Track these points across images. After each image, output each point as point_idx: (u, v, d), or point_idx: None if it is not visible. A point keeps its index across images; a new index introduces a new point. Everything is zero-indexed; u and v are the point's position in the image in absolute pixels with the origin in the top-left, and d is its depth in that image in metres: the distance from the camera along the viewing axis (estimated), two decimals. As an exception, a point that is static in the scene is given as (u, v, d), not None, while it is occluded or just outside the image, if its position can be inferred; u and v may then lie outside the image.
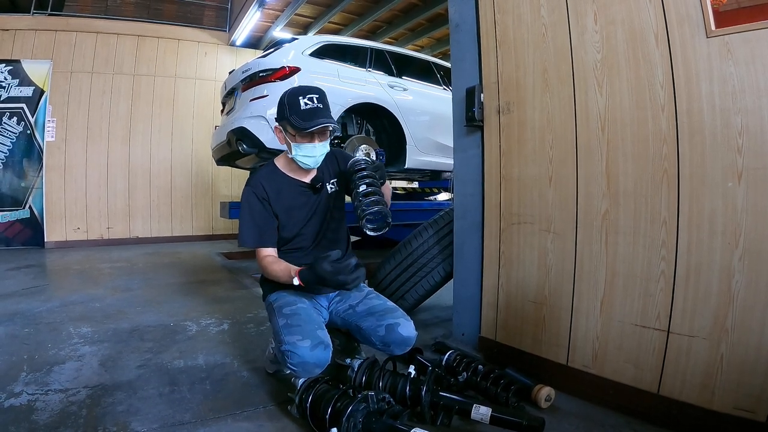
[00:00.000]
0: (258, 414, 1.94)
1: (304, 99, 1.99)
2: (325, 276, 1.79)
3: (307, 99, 1.99)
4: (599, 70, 2.00)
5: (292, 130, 2.03)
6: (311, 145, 2.05)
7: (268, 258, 2.09)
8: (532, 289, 2.28)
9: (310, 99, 1.99)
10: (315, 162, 2.10)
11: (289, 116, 2.00)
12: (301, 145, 2.05)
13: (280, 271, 2.00)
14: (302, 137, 2.03)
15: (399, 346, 1.96)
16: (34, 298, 3.89)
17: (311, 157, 2.07)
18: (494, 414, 1.68)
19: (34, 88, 7.24)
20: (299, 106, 1.99)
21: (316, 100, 2.00)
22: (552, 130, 2.18)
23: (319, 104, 2.00)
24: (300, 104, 1.99)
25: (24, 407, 1.95)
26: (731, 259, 1.64)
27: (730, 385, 1.65)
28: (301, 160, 2.08)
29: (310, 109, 1.98)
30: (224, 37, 8.78)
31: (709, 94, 1.69)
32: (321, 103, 2.01)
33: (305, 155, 2.06)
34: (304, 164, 2.10)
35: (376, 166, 2.07)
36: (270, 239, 2.12)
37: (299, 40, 5.02)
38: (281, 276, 1.99)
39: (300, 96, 2.00)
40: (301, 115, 1.98)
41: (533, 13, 2.25)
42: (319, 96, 2.02)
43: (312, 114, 1.98)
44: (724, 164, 1.66)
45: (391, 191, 2.32)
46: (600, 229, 2.00)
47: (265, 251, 2.11)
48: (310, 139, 2.04)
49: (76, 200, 7.61)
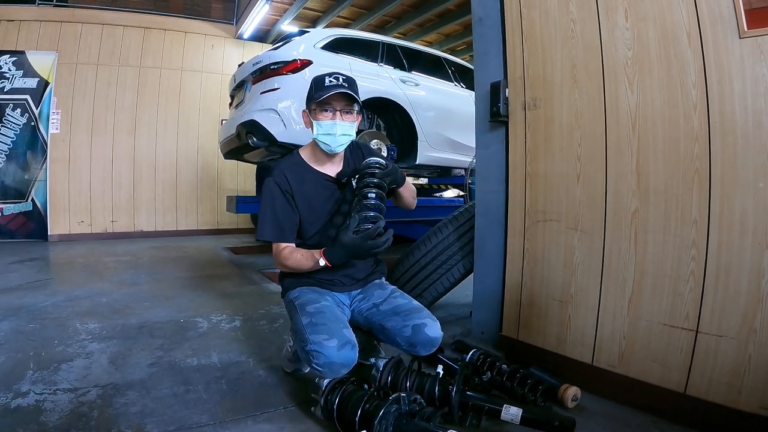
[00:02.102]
0: (279, 415, 1.89)
1: (330, 78, 1.97)
2: (353, 245, 1.80)
3: (333, 78, 1.97)
4: (630, 67, 1.97)
5: (314, 105, 2.00)
6: (331, 122, 1.99)
7: (287, 249, 2.04)
8: (557, 287, 2.26)
9: (335, 78, 1.97)
10: (335, 142, 2.02)
11: (313, 94, 1.98)
12: (321, 122, 2.00)
13: (302, 257, 1.97)
14: (323, 113, 1.99)
15: (425, 347, 1.93)
16: (38, 292, 3.85)
17: (331, 135, 2.00)
18: (525, 414, 1.66)
19: (39, 80, 7.18)
20: (324, 83, 1.96)
21: (341, 79, 1.97)
22: (580, 127, 2.15)
23: (344, 83, 1.96)
24: (324, 81, 1.97)
25: (32, 408, 1.90)
26: (761, 259, 1.64)
27: (757, 385, 1.65)
28: (321, 139, 2.02)
29: (333, 84, 1.95)
30: (231, 30, 8.72)
31: (742, 94, 1.68)
32: (347, 83, 1.97)
33: (325, 133, 2.00)
34: (324, 145, 2.03)
35: (389, 172, 1.95)
36: (290, 235, 2.07)
37: (310, 33, 4.99)
38: (304, 263, 1.96)
39: (327, 76, 1.98)
40: (322, 89, 1.95)
41: (561, 8, 2.22)
42: (345, 78, 1.98)
43: (333, 87, 1.94)
44: (756, 165, 1.65)
45: (413, 191, 2.25)
46: (629, 227, 1.98)
47: (283, 245, 2.06)
48: (332, 116, 1.99)
49: (80, 193, 7.57)
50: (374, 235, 1.78)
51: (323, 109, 1.99)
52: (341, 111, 2.00)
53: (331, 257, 1.88)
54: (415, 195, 2.27)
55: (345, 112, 2.01)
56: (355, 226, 1.80)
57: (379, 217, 1.83)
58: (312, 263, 1.92)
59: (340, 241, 1.82)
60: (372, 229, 1.78)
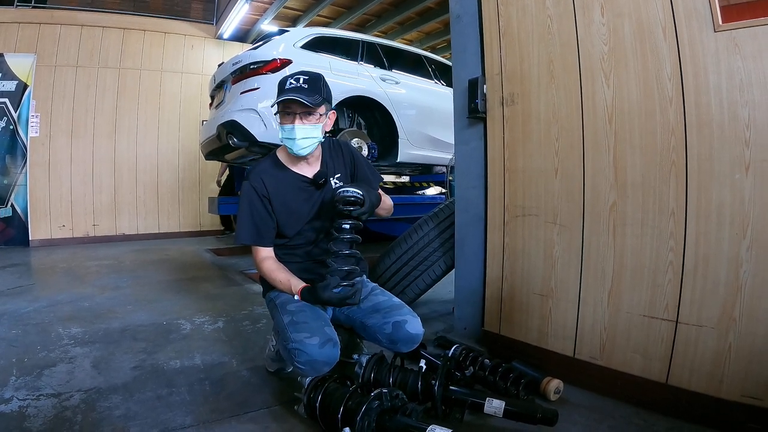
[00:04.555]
0: (263, 415, 1.90)
1: (291, 79, 1.96)
2: (329, 301, 1.89)
3: (294, 79, 1.96)
4: (606, 62, 1.99)
5: (274, 110, 2.01)
6: (291, 127, 1.97)
7: (267, 262, 2.07)
8: (537, 281, 2.27)
9: (296, 79, 1.96)
10: (296, 146, 1.99)
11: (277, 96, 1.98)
12: (284, 126, 2.00)
13: (280, 282, 2.03)
14: (284, 117, 1.99)
15: (406, 344, 1.94)
16: (20, 298, 3.80)
17: (291, 139, 1.99)
18: (508, 407, 1.67)
19: (17, 83, 7.06)
20: (285, 85, 1.96)
21: (302, 81, 1.95)
22: (558, 122, 2.17)
23: (303, 84, 1.95)
24: (286, 83, 1.96)
25: (15, 414, 1.88)
26: (739, 250, 1.67)
27: (738, 374, 1.68)
28: (285, 143, 2.03)
29: (291, 87, 1.94)
30: (211, 30, 8.66)
31: (717, 87, 1.71)
32: (307, 84, 1.95)
33: (286, 137, 2.00)
34: (290, 149, 2.03)
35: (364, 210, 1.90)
36: (267, 239, 2.08)
37: (290, 32, 4.98)
38: (281, 288, 2.03)
39: (290, 77, 1.97)
40: (281, 91, 1.95)
41: (538, 4, 2.23)
42: (309, 78, 1.97)
43: (290, 91, 1.93)
44: (732, 156, 1.67)
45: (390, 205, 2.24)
46: (608, 220, 2.00)
47: (263, 252, 2.08)
48: (291, 120, 1.98)
49: (61, 197, 7.47)
50: (351, 294, 1.87)
51: (284, 112, 1.99)
52: (300, 114, 1.97)
53: (307, 300, 1.95)
54: (391, 205, 2.25)
55: (305, 115, 1.98)
56: (334, 285, 1.86)
57: (355, 271, 1.96)
58: (287, 292, 2.02)
59: (319, 296, 1.88)
60: (349, 293, 1.86)
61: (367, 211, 1.91)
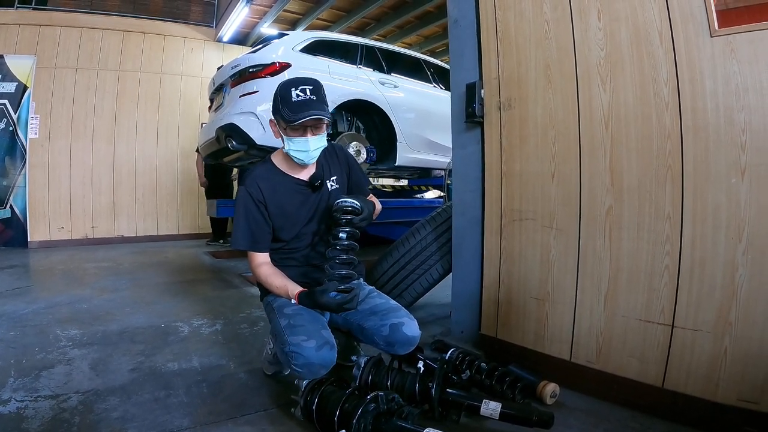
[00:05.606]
0: (260, 418, 1.89)
1: (296, 90, 1.93)
2: (327, 306, 1.88)
3: (299, 90, 1.93)
4: (603, 66, 2.00)
5: (283, 123, 1.97)
6: (304, 139, 1.98)
7: (263, 268, 2.07)
8: (534, 285, 2.28)
9: (302, 90, 1.93)
10: (308, 157, 2.03)
11: (281, 109, 1.94)
12: (293, 139, 1.99)
13: (276, 287, 2.03)
14: (294, 130, 1.97)
15: (403, 346, 1.95)
16: (18, 299, 3.79)
17: (304, 151, 2.00)
18: (504, 410, 1.67)
19: (17, 84, 7.08)
20: (291, 98, 1.92)
21: (309, 92, 1.93)
22: (554, 127, 2.18)
23: (312, 96, 1.93)
24: (292, 96, 1.92)
25: (13, 415, 1.88)
26: (735, 254, 1.67)
27: (734, 378, 1.68)
28: (294, 155, 2.02)
29: (301, 100, 1.91)
30: (211, 33, 8.69)
31: (713, 92, 1.71)
32: (314, 95, 1.94)
33: (298, 150, 2.00)
34: (297, 159, 2.04)
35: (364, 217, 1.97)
36: (263, 245, 2.09)
37: (290, 36, 4.99)
38: (278, 293, 2.03)
39: (292, 87, 1.94)
40: (291, 107, 1.91)
41: (535, 9, 2.24)
42: (313, 87, 1.95)
43: (303, 106, 1.91)
44: (728, 160, 1.68)
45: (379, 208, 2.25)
46: (604, 224, 2.00)
47: (259, 258, 2.09)
48: (302, 133, 1.98)
49: (60, 199, 7.48)
50: (349, 300, 1.86)
51: (293, 128, 1.97)
52: (312, 128, 1.99)
53: (305, 304, 1.95)
54: (379, 209, 2.25)
55: (317, 127, 2.00)
56: (332, 290, 1.86)
57: (352, 276, 1.94)
58: (284, 297, 2.01)
59: (317, 301, 1.87)
60: (347, 298, 1.86)
61: (365, 219, 1.96)
